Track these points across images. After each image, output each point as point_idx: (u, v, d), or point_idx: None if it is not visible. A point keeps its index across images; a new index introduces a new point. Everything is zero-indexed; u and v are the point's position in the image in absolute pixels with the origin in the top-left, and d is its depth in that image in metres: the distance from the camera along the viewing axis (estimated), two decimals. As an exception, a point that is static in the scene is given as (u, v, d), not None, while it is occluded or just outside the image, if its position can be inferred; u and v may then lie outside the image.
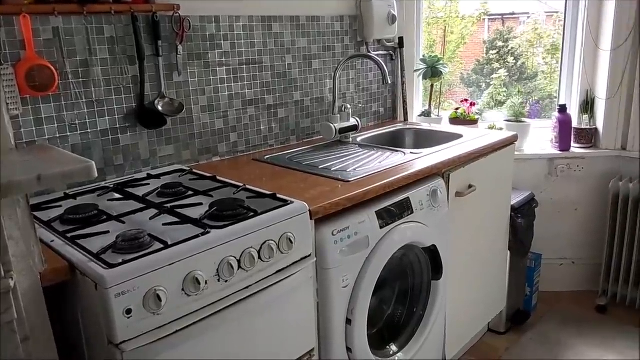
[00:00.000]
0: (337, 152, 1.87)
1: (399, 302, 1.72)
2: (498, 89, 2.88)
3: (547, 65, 2.85)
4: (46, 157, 0.83)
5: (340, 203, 1.36)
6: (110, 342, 0.95)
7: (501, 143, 1.99)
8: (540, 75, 2.95)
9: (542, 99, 2.84)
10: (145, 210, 1.24)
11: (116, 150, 1.51)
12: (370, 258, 1.42)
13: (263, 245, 1.16)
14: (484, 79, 3.02)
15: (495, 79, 2.85)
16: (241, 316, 1.14)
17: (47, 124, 1.36)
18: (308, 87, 2.05)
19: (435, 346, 1.79)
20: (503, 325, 2.29)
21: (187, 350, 1.04)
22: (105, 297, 0.91)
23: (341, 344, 1.40)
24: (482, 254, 2.02)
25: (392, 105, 2.49)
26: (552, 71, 2.84)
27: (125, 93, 1.50)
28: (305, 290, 1.30)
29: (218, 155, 1.79)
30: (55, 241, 1.07)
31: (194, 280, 1.02)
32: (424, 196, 1.60)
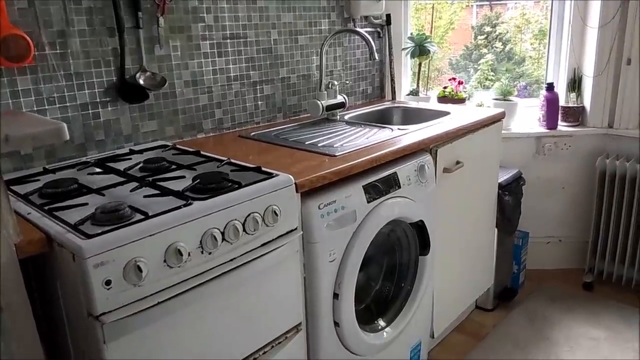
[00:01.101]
0: (324, 129, 1.84)
1: (386, 278, 1.71)
2: (486, 73, 2.87)
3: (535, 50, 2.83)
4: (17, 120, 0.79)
5: (327, 176, 1.34)
6: (89, 315, 0.92)
7: (489, 120, 1.98)
8: (527, 61, 2.94)
9: (530, 84, 2.83)
10: (126, 184, 1.21)
11: (97, 125, 1.47)
12: (357, 232, 1.41)
13: (247, 217, 1.14)
14: (472, 65, 3.01)
15: (482, 63, 2.84)
16: (226, 289, 1.12)
17: (24, 96, 1.31)
18: (294, 63, 2.02)
19: (423, 322, 1.79)
20: (490, 303, 2.30)
21: (170, 323, 1.03)
22: (83, 268, 0.89)
23: (328, 318, 1.39)
24: (469, 231, 2.02)
25: (379, 84, 2.47)
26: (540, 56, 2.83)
27: (105, 66, 1.46)
28: (292, 264, 1.28)
29: (203, 132, 1.76)
30: (32, 214, 1.04)
31: (176, 251, 1.00)
32: (411, 171, 1.59)
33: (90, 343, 0.94)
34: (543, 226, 2.60)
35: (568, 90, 2.53)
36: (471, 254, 2.06)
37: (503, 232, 2.23)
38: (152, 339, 1.00)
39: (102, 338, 0.92)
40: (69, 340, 1.04)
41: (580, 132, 2.48)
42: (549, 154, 2.52)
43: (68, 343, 1.04)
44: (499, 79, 2.72)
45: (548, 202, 2.58)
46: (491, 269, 2.23)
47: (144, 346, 0.99)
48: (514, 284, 2.42)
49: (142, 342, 0.98)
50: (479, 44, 3.01)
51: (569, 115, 2.51)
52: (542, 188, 2.56)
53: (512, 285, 2.41)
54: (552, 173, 2.55)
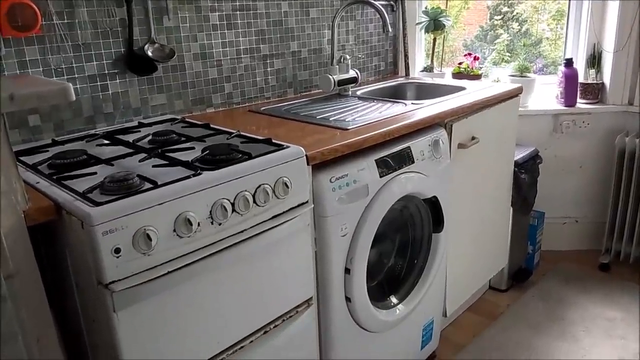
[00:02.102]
0: (336, 104, 1.81)
1: (399, 255, 1.69)
2: (501, 53, 2.80)
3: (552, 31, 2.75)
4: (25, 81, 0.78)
5: (338, 149, 1.31)
6: (99, 283, 0.91)
7: (505, 95, 1.93)
8: (544, 42, 2.86)
9: (546, 66, 2.76)
10: (134, 155, 1.19)
11: (105, 98, 1.45)
12: (369, 207, 1.38)
13: (258, 189, 1.12)
14: (488, 46, 2.94)
15: (498, 43, 2.76)
16: (236, 261, 1.11)
17: (32, 67, 1.29)
18: (305, 37, 1.98)
19: (436, 301, 1.77)
20: (504, 283, 2.27)
21: (180, 294, 1.01)
22: (92, 236, 0.87)
23: (340, 293, 1.37)
24: (484, 209, 1.98)
25: (393, 59, 2.41)
26: (557, 37, 2.75)
27: (113, 37, 1.44)
28: (303, 238, 1.26)
29: (212, 106, 1.73)
30: (41, 183, 1.03)
31: (185, 221, 0.98)
32: (425, 146, 1.55)
33: (100, 311, 0.94)
34: (559, 206, 2.55)
35: (587, 66, 2.45)
36: (485, 233, 2.03)
37: (518, 211, 2.19)
38: (162, 308, 0.99)
39: (112, 306, 0.91)
40: (78, 308, 1.03)
41: (600, 110, 2.41)
42: (567, 132, 2.46)
43: (78, 310, 1.04)
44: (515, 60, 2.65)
45: (565, 181, 2.53)
46: (505, 249, 2.19)
47: (153, 315, 0.98)
48: (528, 264, 2.39)
49: (152, 311, 0.97)
50: (495, 24, 2.93)
51: (587, 92, 2.44)
52: (559, 167, 2.51)
53: (526, 266, 2.38)
54: (569, 151, 2.49)
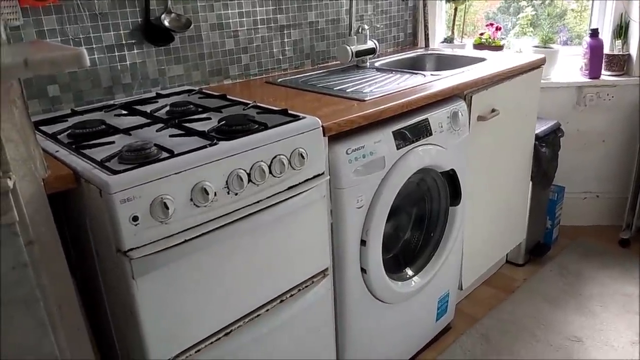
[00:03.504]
0: (354, 75, 1.78)
1: (415, 228, 1.68)
2: (524, 28, 2.72)
3: (578, 2, 2.65)
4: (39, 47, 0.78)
5: (355, 120, 1.29)
6: (118, 250, 0.93)
7: (528, 66, 1.88)
8: (569, 14, 2.75)
9: (571, 39, 2.67)
10: (152, 125, 1.20)
11: (123, 68, 1.45)
12: (386, 179, 1.37)
13: (274, 159, 1.12)
14: (510, 19, 2.84)
15: (521, 17, 2.67)
16: (252, 231, 1.12)
17: (50, 37, 1.30)
18: (323, 6, 1.94)
19: (452, 274, 1.77)
20: (522, 257, 2.26)
21: (197, 262, 1.03)
22: (110, 203, 0.88)
23: (355, 264, 1.38)
24: (503, 183, 1.95)
25: (412, 30, 2.36)
26: (582, 9, 2.65)
27: (130, 6, 1.43)
28: (318, 209, 1.26)
29: (229, 77, 1.72)
30: (60, 151, 1.04)
31: (202, 190, 0.99)
32: (443, 118, 1.52)
33: (120, 278, 0.96)
34: (580, 181, 2.50)
35: (613, 37, 2.37)
36: (504, 207, 2.01)
37: (538, 185, 2.16)
38: (179, 276, 1.01)
39: (131, 273, 0.93)
40: (99, 276, 1.06)
41: (625, 82, 2.34)
42: (590, 105, 2.39)
43: (98, 278, 1.06)
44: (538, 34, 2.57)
45: (586, 155, 2.48)
46: (524, 223, 2.17)
47: (171, 283, 1.00)
48: (546, 239, 2.36)
49: (170, 279, 0.99)
50: (519, -5, 2.83)
51: (613, 63, 2.36)
52: (580, 141, 2.45)
53: (545, 240, 2.36)
54: (592, 125, 2.42)
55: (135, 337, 1.00)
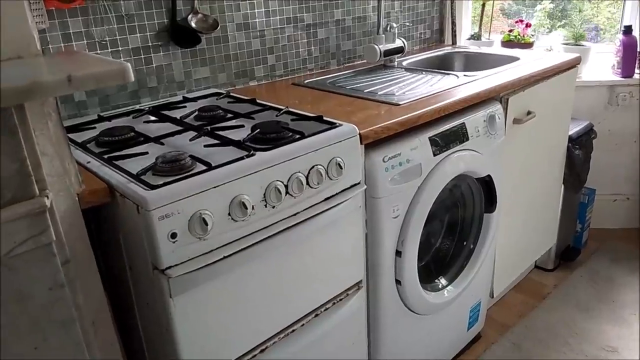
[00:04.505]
0: (382, 76, 1.73)
1: (446, 235, 1.63)
2: (541, 20, 2.63)
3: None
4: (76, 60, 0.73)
5: (392, 127, 1.24)
6: (155, 268, 0.89)
7: (563, 66, 1.81)
8: (586, 5, 2.66)
9: (588, 31, 2.58)
10: (183, 133, 1.16)
11: (149, 71, 1.41)
12: (422, 187, 1.32)
13: (311, 170, 1.07)
14: (526, 10, 2.76)
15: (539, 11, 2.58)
16: (289, 244, 1.07)
17: (76, 40, 1.26)
18: (350, 4, 1.88)
19: (484, 282, 1.72)
20: (551, 262, 2.20)
21: (233, 278, 0.99)
22: (148, 220, 0.84)
23: (390, 276, 1.33)
24: (535, 186, 1.89)
25: (439, 27, 2.29)
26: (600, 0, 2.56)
27: (156, 7, 1.38)
28: (354, 220, 1.21)
29: (255, 79, 1.67)
30: (92, 162, 1.00)
31: (240, 204, 0.94)
32: (480, 122, 1.47)
33: (156, 297, 0.92)
34: (610, 182, 2.43)
35: (649, 33, 2.28)
36: (535, 212, 1.95)
37: (570, 188, 2.09)
38: (217, 293, 0.97)
39: (169, 292, 0.89)
40: (132, 292, 1.02)
41: (660, 81, 2.26)
42: (623, 105, 2.31)
43: (131, 294, 1.03)
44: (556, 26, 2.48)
45: (617, 157, 2.40)
46: (554, 227, 2.11)
47: (208, 301, 0.96)
48: (576, 243, 2.30)
49: (207, 296, 0.95)
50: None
51: (648, 61, 2.27)
52: (612, 141, 2.37)
53: (574, 244, 2.29)
54: (624, 125, 2.35)
55: (170, 355, 0.96)
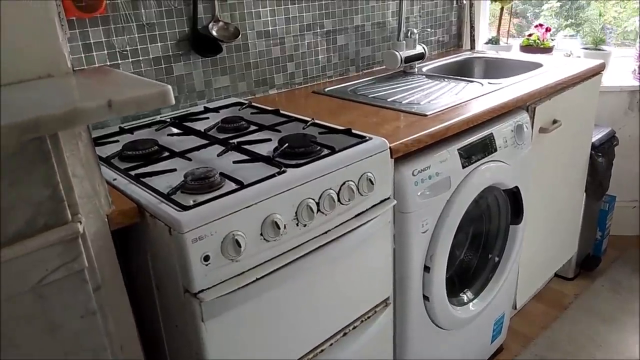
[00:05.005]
0: (403, 83, 1.69)
1: (470, 247, 1.59)
2: (548, 19, 2.59)
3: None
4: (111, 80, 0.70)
5: (422, 140, 1.20)
6: (186, 291, 0.86)
7: (589, 72, 1.77)
8: (592, 5, 2.62)
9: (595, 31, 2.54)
10: (209, 147, 1.12)
11: (170, 81, 1.38)
12: (451, 200, 1.28)
13: (342, 186, 1.03)
14: (532, 9, 2.72)
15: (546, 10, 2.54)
16: (320, 263, 1.04)
17: (97, 50, 1.23)
18: (369, 9, 1.84)
19: (508, 295, 1.68)
20: (572, 271, 2.16)
21: (265, 300, 0.95)
22: (181, 243, 0.81)
23: (418, 292, 1.30)
24: (557, 196, 1.85)
25: (457, 31, 2.25)
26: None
27: (177, 16, 1.35)
28: (384, 236, 1.18)
29: (275, 87, 1.64)
30: (118, 179, 0.97)
31: (273, 224, 0.91)
32: (507, 132, 1.43)
33: (187, 320, 0.88)
34: (628, 189, 2.39)
35: (671, 37, 2.24)
36: (557, 221, 1.91)
37: (591, 196, 2.05)
38: (248, 316, 0.93)
39: (200, 316, 0.86)
40: (158, 313, 0.99)
41: (683, 86, 2.21)
42: (644, 111, 2.27)
43: (157, 315, 0.99)
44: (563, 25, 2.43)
45: (636, 163, 2.35)
46: (576, 236, 2.07)
47: (240, 324, 0.93)
48: (596, 251, 2.26)
49: (238, 320, 0.92)
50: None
51: (670, 66, 2.23)
52: (632, 147, 2.33)
53: (594, 252, 2.25)
54: (645, 131, 2.31)
55: (200, 379, 0.93)
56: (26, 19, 0.69)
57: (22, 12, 0.69)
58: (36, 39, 0.71)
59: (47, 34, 0.71)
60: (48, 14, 0.71)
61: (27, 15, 0.70)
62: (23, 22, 0.69)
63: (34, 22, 0.70)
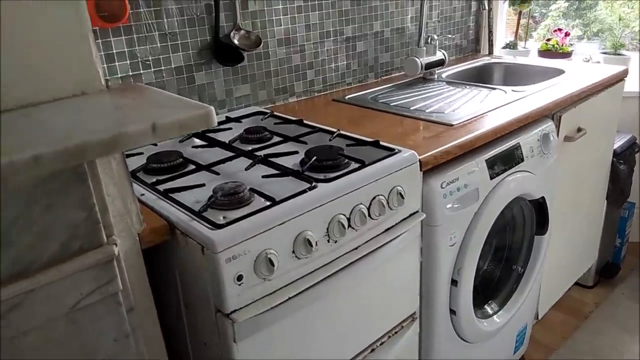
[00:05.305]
0: (424, 90, 1.67)
1: (493, 258, 1.57)
2: (556, 20, 2.56)
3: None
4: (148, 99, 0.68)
5: (451, 151, 1.18)
6: (218, 311, 0.84)
7: (612, 79, 1.74)
8: (600, 5, 2.58)
9: (602, 31, 2.50)
10: (234, 159, 1.10)
11: (191, 91, 1.36)
12: (479, 213, 1.26)
13: (372, 201, 1.01)
14: (539, 10, 2.69)
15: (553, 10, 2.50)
16: (350, 280, 1.01)
17: (119, 60, 1.21)
18: (389, 15, 1.82)
19: (531, 305, 1.66)
20: (591, 278, 2.13)
21: (296, 318, 0.93)
22: (214, 263, 0.79)
23: (445, 306, 1.27)
24: (579, 204, 1.83)
25: (475, 36, 2.22)
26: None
27: (199, 24, 1.33)
28: (412, 249, 1.16)
29: (294, 95, 1.62)
30: (146, 195, 0.95)
31: (305, 241, 0.89)
32: (534, 142, 1.40)
33: (218, 340, 0.87)
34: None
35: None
36: (578, 229, 1.88)
37: (612, 203, 2.02)
38: (279, 335, 0.91)
39: (233, 337, 0.84)
40: (186, 330, 0.97)
41: None
42: (664, 116, 2.23)
43: (184, 332, 0.97)
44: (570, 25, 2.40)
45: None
46: (596, 244, 2.04)
47: (270, 343, 0.91)
48: (615, 259, 2.22)
49: (270, 339, 0.90)
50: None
51: (691, 71, 2.19)
52: (651, 154, 2.29)
53: (613, 260, 2.22)
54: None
55: (230, 400, 0.91)
56: (60, 35, 0.67)
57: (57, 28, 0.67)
58: (70, 56, 0.69)
59: (81, 50, 0.69)
60: (83, 30, 0.69)
61: (61, 32, 0.68)
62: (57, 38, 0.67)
63: (68, 39, 0.68)
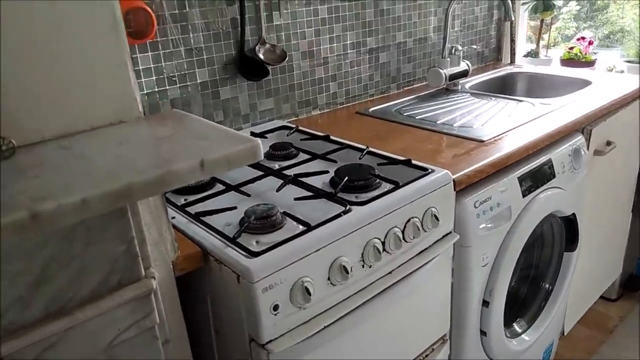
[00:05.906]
0: (448, 102, 1.64)
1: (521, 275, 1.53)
2: (567, 22, 2.51)
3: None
4: (188, 130, 0.66)
5: (484, 170, 1.15)
6: (252, 340, 0.82)
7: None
8: (611, 6, 2.54)
9: (613, 33, 2.46)
10: (263, 178, 1.08)
11: (216, 105, 1.34)
12: (511, 232, 1.23)
13: (407, 223, 0.98)
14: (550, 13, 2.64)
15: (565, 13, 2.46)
16: (383, 305, 0.99)
17: (145, 76, 1.19)
18: (412, 25, 1.79)
19: (558, 323, 1.62)
20: (615, 292, 2.08)
21: (331, 347, 0.91)
22: (251, 293, 0.77)
23: (475, 327, 1.24)
24: (606, 217, 1.79)
25: (496, 44, 2.19)
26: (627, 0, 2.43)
27: (225, 39, 1.31)
28: (444, 272, 1.13)
29: (317, 108, 1.59)
30: (177, 218, 0.93)
31: (341, 268, 0.87)
32: (565, 157, 1.37)
33: (252, 370, 0.84)
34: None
35: None
36: (605, 242, 1.84)
37: (637, 215, 1.98)
38: (314, 364, 0.89)
39: (268, 368, 0.82)
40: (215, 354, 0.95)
41: None
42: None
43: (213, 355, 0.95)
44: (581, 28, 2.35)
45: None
46: (621, 257, 2.00)
47: (305, 372, 0.88)
48: (638, 271, 2.18)
49: (305, 368, 0.87)
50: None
51: None
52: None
53: (637, 272, 2.17)
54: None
55: None
56: (99, 60, 0.65)
57: (96, 53, 0.65)
58: (109, 83, 0.67)
59: (120, 77, 0.67)
60: (122, 55, 0.67)
61: (101, 57, 0.66)
62: (96, 64, 0.65)
63: (107, 65, 0.66)
